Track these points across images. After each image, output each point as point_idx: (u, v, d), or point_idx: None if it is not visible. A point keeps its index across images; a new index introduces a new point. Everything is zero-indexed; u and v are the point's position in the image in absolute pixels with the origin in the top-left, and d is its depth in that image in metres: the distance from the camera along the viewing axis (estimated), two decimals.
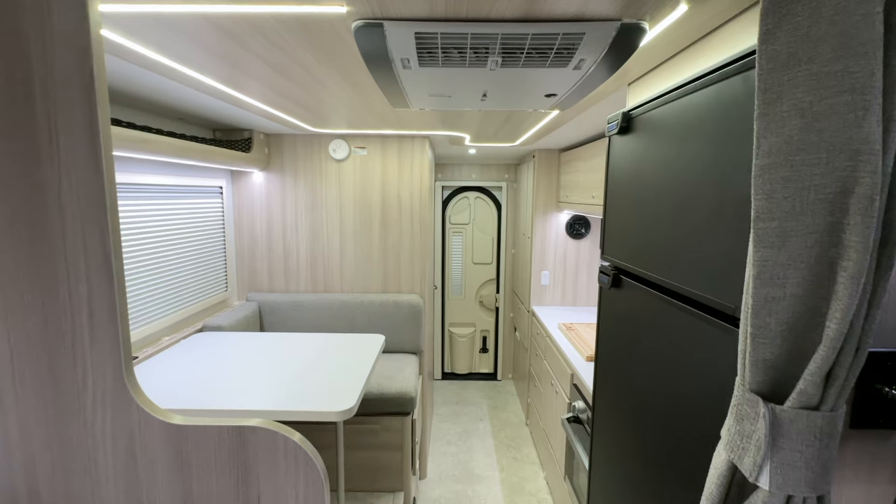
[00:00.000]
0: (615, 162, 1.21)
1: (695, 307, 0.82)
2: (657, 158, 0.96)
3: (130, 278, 1.76)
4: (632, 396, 1.09)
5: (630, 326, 1.11)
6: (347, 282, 2.67)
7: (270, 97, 1.62)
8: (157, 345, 1.87)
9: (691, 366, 0.82)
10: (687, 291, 0.83)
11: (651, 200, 0.99)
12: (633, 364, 1.08)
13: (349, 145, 2.56)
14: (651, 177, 0.99)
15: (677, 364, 0.87)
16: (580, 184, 2.63)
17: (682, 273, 0.85)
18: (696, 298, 0.81)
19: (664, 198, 0.93)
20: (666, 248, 0.91)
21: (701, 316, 0.79)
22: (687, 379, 0.83)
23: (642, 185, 1.04)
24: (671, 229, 0.89)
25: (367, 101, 1.67)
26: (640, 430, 1.03)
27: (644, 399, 1.02)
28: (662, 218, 0.93)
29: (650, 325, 1.00)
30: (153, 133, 1.57)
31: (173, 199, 2.03)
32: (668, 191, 0.91)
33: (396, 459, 2.11)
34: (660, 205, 0.94)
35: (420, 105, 1.35)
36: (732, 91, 0.70)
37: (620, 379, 1.16)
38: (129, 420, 0.60)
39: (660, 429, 0.93)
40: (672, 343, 0.89)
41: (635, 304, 1.08)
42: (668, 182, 0.91)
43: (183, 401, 1.39)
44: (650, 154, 1.00)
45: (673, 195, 0.89)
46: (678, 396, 0.86)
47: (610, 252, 1.24)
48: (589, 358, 2.13)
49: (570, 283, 3.21)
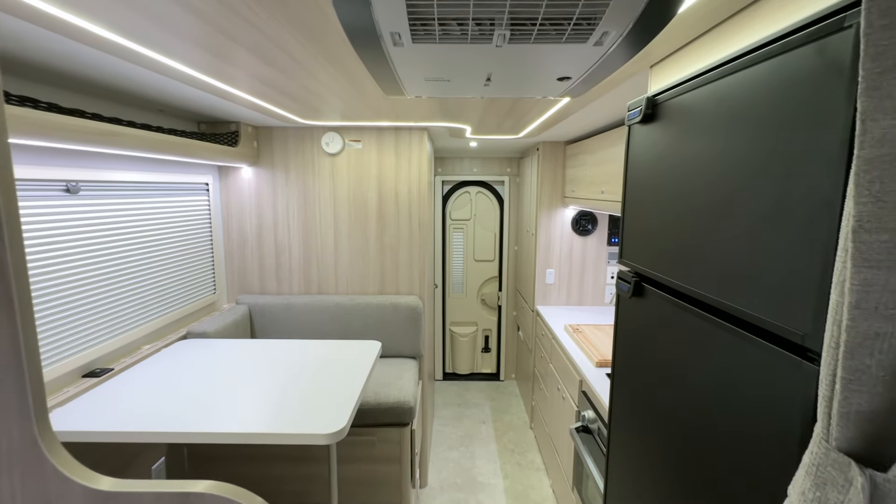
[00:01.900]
0: (636, 154, 1.07)
1: (738, 326, 0.68)
2: (691, 150, 0.82)
3: (104, 283, 1.63)
4: (656, 421, 0.96)
5: (654, 341, 0.97)
6: (343, 283, 2.54)
7: (253, 86, 1.48)
8: (136, 354, 1.74)
9: (737, 397, 0.69)
10: (731, 309, 0.69)
11: (683, 199, 0.85)
12: (659, 383, 0.95)
13: (343, 138, 2.42)
14: (683, 171, 0.85)
15: (718, 393, 0.74)
16: (587, 178, 2.49)
17: (725, 287, 0.71)
18: (743, 318, 0.67)
19: (701, 196, 0.79)
20: (703, 256, 0.78)
21: (751, 339, 0.65)
22: (729, 410, 0.70)
23: (671, 181, 0.90)
24: (710, 234, 0.76)
25: (359, 89, 1.53)
26: (668, 462, 0.90)
27: (672, 426, 0.89)
28: (698, 220, 0.79)
29: (680, 341, 0.86)
30: (124, 126, 1.43)
31: (154, 196, 1.90)
32: (707, 188, 0.77)
33: (395, 472, 1.99)
34: (695, 204, 0.81)
35: (416, 92, 1.21)
36: (802, 64, 0.57)
37: (642, 398, 1.03)
38: (44, 487, 0.47)
39: (693, 465, 0.80)
40: (711, 367, 0.76)
41: (661, 316, 0.94)
42: (707, 177, 0.77)
43: (153, 421, 1.26)
44: (682, 144, 0.86)
45: (713, 193, 0.75)
46: (718, 431, 0.73)
47: (630, 256, 1.11)
48: (599, 363, 2.00)
49: (576, 281, 3.08)
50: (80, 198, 1.50)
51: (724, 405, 0.72)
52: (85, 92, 1.52)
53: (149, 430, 1.21)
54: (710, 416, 0.76)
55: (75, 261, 1.50)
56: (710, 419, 0.76)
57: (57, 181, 1.42)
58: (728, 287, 0.71)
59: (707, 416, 0.77)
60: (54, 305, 1.42)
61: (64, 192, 1.44)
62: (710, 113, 0.77)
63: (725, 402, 0.71)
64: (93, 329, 1.57)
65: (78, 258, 1.51)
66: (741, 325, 0.69)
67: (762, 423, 0.63)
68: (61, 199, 1.44)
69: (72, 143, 1.22)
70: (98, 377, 1.51)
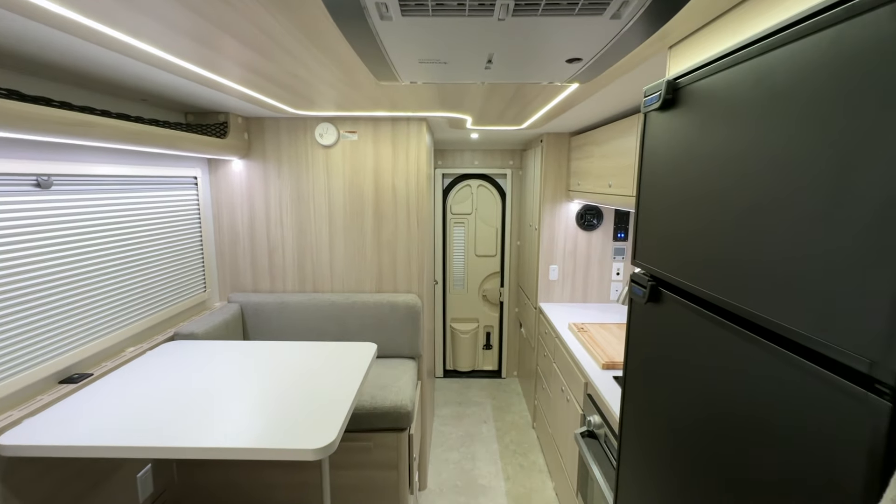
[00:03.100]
0: (654, 145, 0.97)
1: (781, 344, 0.59)
2: (722, 138, 0.72)
3: (83, 283, 1.54)
4: (674, 439, 0.86)
5: (673, 353, 0.88)
6: (338, 281, 2.44)
7: (239, 74, 1.37)
8: (118, 357, 1.65)
9: (775, 426, 0.59)
10: (773, 325, 0.60)
11: (711, 195, 0.75)
12: (677, 399, 0.85)
13: (338, 129, 2.31)
14: (711, 163, 0.75)
15: (750, 419, 0.64)
16: (594, 171, 2.38)
17: (764, 298, 0.61)
18: (785, 335, 0.57)
19: (734, 192, 0.69)
20: (736, 261, 0.68)
21: (798, 362, 0.56)
22: (765, 440, 0.61)
23: (697, 175, 0.80)
24: (746, 236, 0.66)
25: (351, 76, 1.42)
26: (686, 486, 0.81)
27: (694, 449, 0.79)
28: (730, 219, 0.69)
29: (703, 354, 0.77)
30: (97, 115, 1.33)
31: (137, 191, 1.80)
32: (742, 182, 0.67)
33: (392, 479, 1.91)
34: (726, 201, 0.71)
35: (410, 76, 1.11)
36: (871, 32, 0.46)
37: (657, 412, 0.94)
38: None
39: (716, 498, 0.71)
40: (743, 388, 0.66)
41: (682, 326, 0.84)
42: (741, 170, 0.67)
43: (131, 433, 1.17)
44: (710, 133, 0.75)
45: (750, 189, 0.65)
46: (749, 463, 0.64)
47: (645, 258, 1.01)
48: (606, 365, 1.91)
49: (580, 278, 2.98)
50: (52, 193, 1.41)
51: (759, 433, 0.62)
52: (54, 78, 1.41)
53: (125, 445, 1.13)
54: (739, 443, 0.66)
55: (49, 259, 1.41)
56: (740, 446, 0.66)
57: (26, 175, 1.32)
58: (769, 299, 0.61)
59: (735, 443, 0.67)
60: (27, 307, 1.33)
61: (34, 186, 1.35)
62: (745, 96, 0.66)
63: (761, 430, 0.62)
64: (71, 331, 1.49)
65: (52, 256, 1.42)
66: (784, 343, 0.59)
67: (810, 460, 0.53)
68: (31, 195, 1.34)
69: (36, 133, 1.12)
70: (76, 383, 1.43)
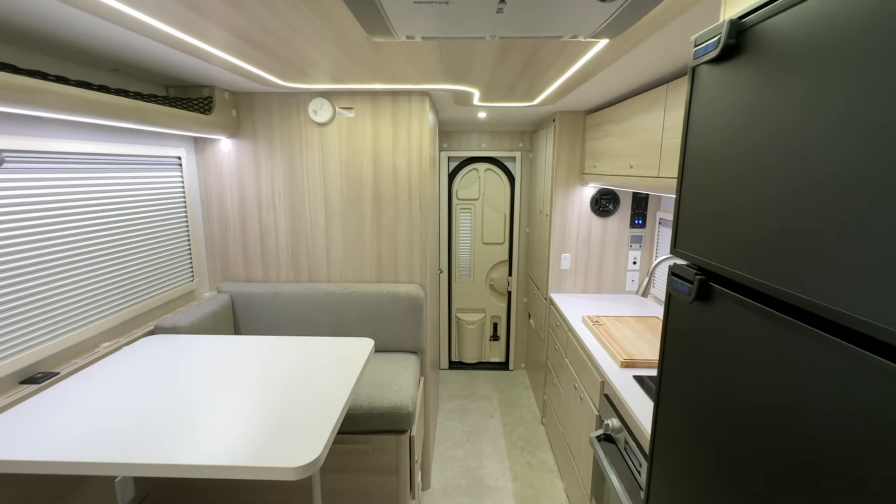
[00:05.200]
0: (705, 106, 0.78)
1: (885, 356, 0.42)
2: (815, 95, 0.54)
3: (49, 272, 1.39)
4: (735, 467, 0.70)
5: (729, 362, 0.71)
6: (335, 270, 2.29)
7: (221, 38, 1.20)
8: (91, 354, 1.51)
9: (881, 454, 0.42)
10: (880, 331, 0.42)
11: (791, 166, 0.57)
12: (738, 418, 0.69)
13: (333, 105, 2.13)
14: (796, 127, 0.57)
15: (847, 443, 0.47)
16: (613, 150, 2.18)
17: (867, 300, 0.44)
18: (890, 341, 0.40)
19: (830, 162, 0.51)
20: (824, 250, 0.50)
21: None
22: (867, 467, 0.44)
23: (773, 142, 0.61)
24: (850, 221, 0.48)
25: (342, 36, 1.24)
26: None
27: (759, 476, 0.63)
28: (824, 200, 0.52)
29: (774, 368, 0.59)
30: (51, 81, 1.16)
31: (112, 171, 1.64)
32: (846, 151, 0.49)
33: (391, 483, 1.77)
34: (820, 174, 0.53)
35: (406, 28, 0.92)
36: None
37: (705, 431, 0.77)
38: None
39: None
40: (838, 408, 0.49)
41: (742, 330, 0.67)
42: (845, 135, 0.49)
43: (93, 443, 1.03)
44: (794, 88, 0.57)
45: (857, 159, 0.47)
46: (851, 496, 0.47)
47: (690, 246, 0.83)
48: (624, 363, 1.74)
49: (594, 267, 2.80)
50: (5, 171, 1.25)
51: (856, 463, 0.45)
52: (9, 42, 1.24)
53: (83, 461, 0.98)
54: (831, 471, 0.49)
55: (6, 245, 1.26)
56: (833, 475, 0.49)
57: None
58: (876, 302, 0.43)
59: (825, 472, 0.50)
60: None
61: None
62: (854, 36, 0.48)
63: (858, 460, 0.45)
64: (35, 325, 1.34)
65: (10, 242, 1.27)
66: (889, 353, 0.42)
67: None
68: None
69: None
70: (38, 384, 1.29)
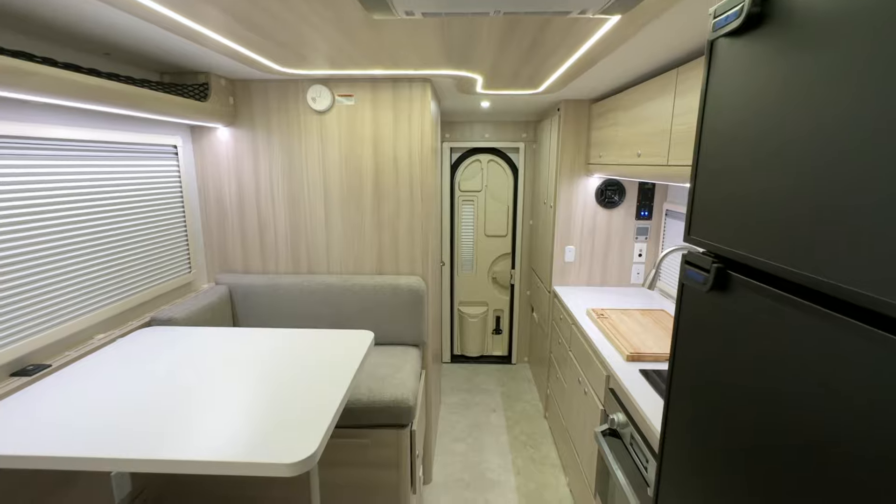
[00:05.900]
0: (724, 82, 0.73)
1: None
2: (846, 69, 0.49)
3: (42, 262, 1.35)
4: (751, 466, 0.65)
5: (748, 355, 0.66)
6: (335, 261, 2.25)
7: (215, 19, 1.15)
8: (84, 346, 1.48)
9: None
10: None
11: (819, 145, 0.52)
12: (759, 416, 0.64)
13: (332, 93, 2.08)
14: (824, 105, 0.52)
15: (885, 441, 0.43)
16: (619, 139, 2.13)
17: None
18: None
19: (862, 142, 0.46)
20: (858, 237, 0.46)
21: None
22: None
23: (798, 118, 0.56)
24: (878, 198, 0.43)
25: (339, 13, 1.18)
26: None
27: (778, 476, 0.59)
28: (857, 179, 0.47)
29: (801, 365, 0.55)
30: (37, 63, 1.12)
31: (106, 160, 1.60)
32: (881, 128, 0.44)
33: (392, 478, 1.74)
34: (845, 156, 0.48)
35: (406, 4, 0.87)
36: None
37: (721, 427, 0.73)
38: None
39: None
40: (872, 405, 0.45)
41: (764, 321, 0.63)
42: (878, 113, 0.44)
43: (79, 437, 0.99)
44: (822, 61, 0.52)
45: None
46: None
47: (705, 233, 0.78)
48: (630, 357, 1.70)
49: (598, 259, 2.75)
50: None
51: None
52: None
53: (74, 456, 0.95)
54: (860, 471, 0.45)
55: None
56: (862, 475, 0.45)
57: None
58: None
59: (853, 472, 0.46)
60: None
61: None
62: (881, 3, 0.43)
63: None
64: (26, 316, 1.31)
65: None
66: None
67: None
68: None
69: None
70: (30, 376, 1.26)
